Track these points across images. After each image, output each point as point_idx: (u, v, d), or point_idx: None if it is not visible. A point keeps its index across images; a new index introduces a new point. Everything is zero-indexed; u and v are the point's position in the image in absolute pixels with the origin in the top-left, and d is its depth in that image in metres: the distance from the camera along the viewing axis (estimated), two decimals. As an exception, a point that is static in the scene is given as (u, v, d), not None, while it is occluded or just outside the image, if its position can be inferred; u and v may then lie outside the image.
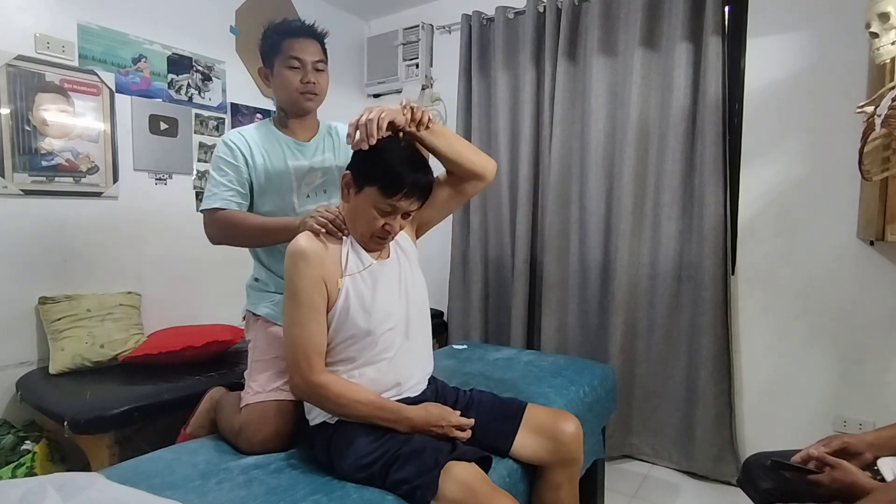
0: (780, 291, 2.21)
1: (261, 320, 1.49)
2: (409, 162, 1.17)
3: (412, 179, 1.15)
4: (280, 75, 1.46)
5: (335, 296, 1.17)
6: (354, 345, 1.19)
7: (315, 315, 1.15)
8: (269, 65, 1.49)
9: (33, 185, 2.07)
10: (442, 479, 1.02)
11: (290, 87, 1.45)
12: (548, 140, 2.64)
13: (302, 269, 1.15)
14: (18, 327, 2.05)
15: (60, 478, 0.98)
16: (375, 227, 1.17)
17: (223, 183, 1.43)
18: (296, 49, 1.45)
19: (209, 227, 1.45)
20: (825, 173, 2.09)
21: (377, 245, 1.24)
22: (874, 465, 1.14)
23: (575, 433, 1.29)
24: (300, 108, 1.50)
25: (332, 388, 1.14)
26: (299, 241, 1.17)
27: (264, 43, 1.49)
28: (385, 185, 1.14)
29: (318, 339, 1.16)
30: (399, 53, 3.26)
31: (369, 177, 1.16)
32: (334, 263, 1.18)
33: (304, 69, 1.46)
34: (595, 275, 2.54)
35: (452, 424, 1.18)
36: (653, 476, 2.32)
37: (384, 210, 1.16)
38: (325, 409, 1.18)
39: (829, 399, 2.13)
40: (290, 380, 1.18)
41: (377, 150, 1.15)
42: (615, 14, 2.46)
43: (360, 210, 1.18)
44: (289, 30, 1.47)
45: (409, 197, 1.16)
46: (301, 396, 1.22)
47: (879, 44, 1.34)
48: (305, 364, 1.14)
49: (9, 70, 1.99)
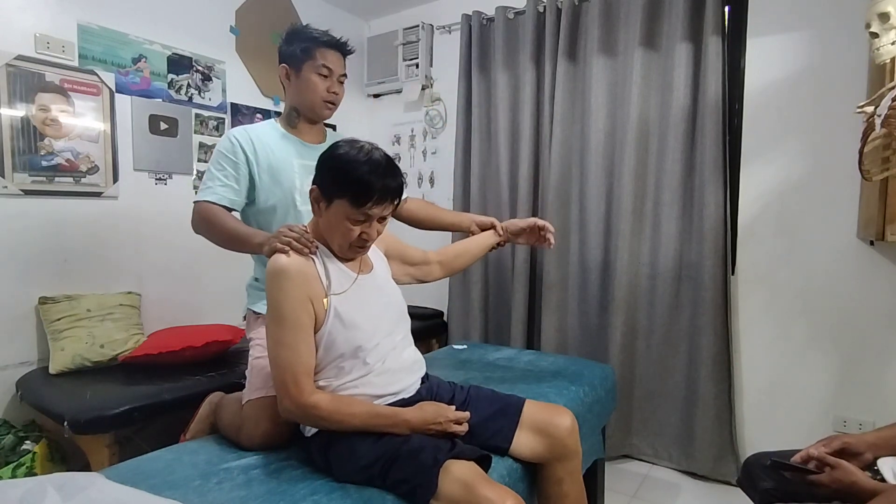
0: (780, 291, 2.21)
1: (261, 318, 1.50)
2: (375, 168, 1.13)
3: (381, 185, 1.13)
4: (307, 79, 1.50)
5: (322, 315, 1.14)
6: (345, 361, 1.17)
7: (302, 335, 1.12)
8: (295, 67, 1.52)
9: (33, 185, 2.07)
10: (441, 478, 1.02)
11: (315, 93, 1.51)
12: (548, 140, 2.64)
13: (286, 288, 1.11)
14: (18, 327, 2.05)
15: (60, 478, 0.98)
16: (352, 237, 1.16)
17: (218, 178, 1.46)
18: (329, 60, 1.51)
19: (193, 217, 1.48)
20: (825, 173, 2.09)
21: (357, 254, 1.23)
22: (874, 465, 1.14)
23: (570, 427, 1.29)
24: (319, 114, 1.56)
25: (324, 408, 1.11)
26: (280, 260, 1.13)
27: (294, 45, 1.51)
28: (354, 195, 1.12)
29: (306, 359, 1.12)
30: (399, 53, 3.26)
31: (337, 189, 1.13)
32: (316, 281, 1.16)
33: (331, 79, 1.52)
34: (595, 275, 2.54)
35: (449, 419, 1.17)
36: (653, 476, 2.32)
37: (357, 219, 1.14)
38: (321, 427, 1.16)
39: (829, 399, 2.13)
40: (280, 403, 1.14)
41: (342, 162, 1.14)
42: (615, 14, 2.46)
43: (334, 223, 1.16)
44: (326, 41, 1.52)
45: (381, 203, 1.15)
46: (292, 419, 1.18)
47: (879, 44, 1.34)
48: (294, 386, 1.10)
49: (9, 70, 1.99)
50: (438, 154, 3.23)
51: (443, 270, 1.57)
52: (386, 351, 1.23)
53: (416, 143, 3.33)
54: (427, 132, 3.29)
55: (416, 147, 3.33)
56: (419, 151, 3.31)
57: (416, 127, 3.33)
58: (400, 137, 3.39)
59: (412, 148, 3.35)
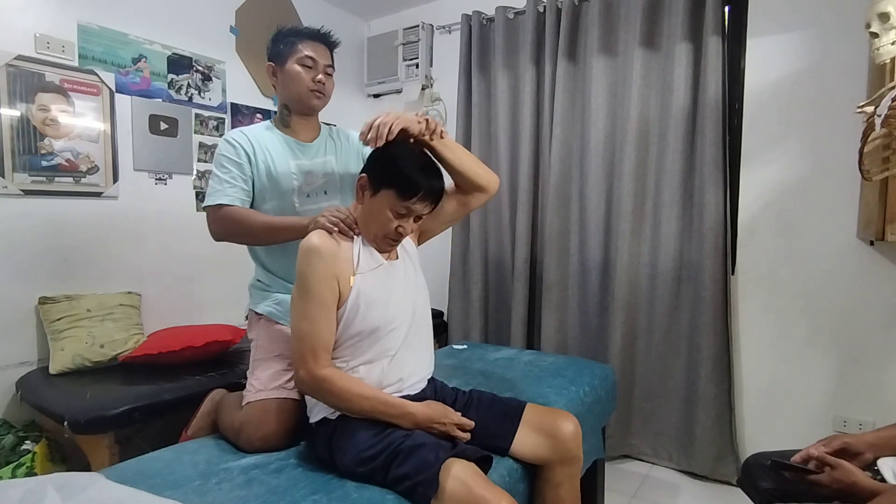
0: (780, 291, 2.21)
1: (263, 319, 1.50)
2: (424, 168, 1.23)
3: (428, 184, 1.20)
4: (291, 71, 1.49)
5: (346, 293, 1.19)
6: (361, 341, 1.21)
7: (325, 311, 1.17)
8: (280, 62, 1.51)
9: (33, 185, 2.07)
10: (442, 476, 1.03)
11: (300, 84, 1.49)
12: (548, 140, 2.64)
13: (315, 265, 1.17)
14: (18, 327, 2.05)
15: (60, 478, 0.98)
16: (389, 228, 1.21)
17: (227, 180, 1.44)
18: (311, 50, 1.50)
19: (214, 224, 1.45)
20: (825, 173, 2.09)
21: (388, 246, 1.28)
22: (874, 465, 1.14)
23: (574, 432, 1.30)
24: (308, 105, 1.53)
25: (336, 383, 1.16)
26: (312, 239, 1.20)
27: (278, 42, 1.52)
28: (402, 188, 1.18)
29: (326, 334, 1.17)
30: (399, 53, 3.26)
31: (386, 180, 1.20)
32: (346, 262, 1.21)
33: (315, 69, 1.50)
34: (595, 275, 2.54)
35: (454, 422, 1.20)
36: (653, 476, 2.32)
37: (399, 212, 1.20)
38: (329, 403, 1.19)
39: (829, 399, 2.13)
40: (296, 373, 1.19)
41: (394, 156, 1.22)
42: (615, 14, 2.46)
43: (375, 212, 1.22)
44: (307, 33, 1.52)
45: (424, 200, 1.21)
46: (305, 390, 1.23)
47: (879, 44, 1.34)
48: (312, 358, 1.15)
49: (9, 70, 1.99)
50: (438, 154, 3.23)
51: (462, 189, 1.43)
52: (401, 339, 1.25)
53: (416, 143, 3.33)
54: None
55: (416, 147, 3.33)
56: (419, 151, 3.31)
57: (416, 127, 3.33)
58: (400, 137, 3.39)
59: (412, 148, 3.35)
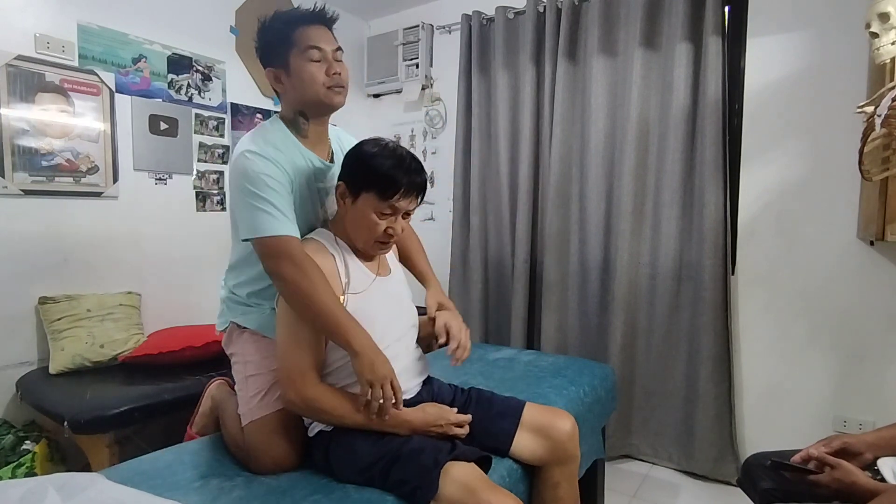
0: (780, 291, 2.21)
1: (247, 332, 1.34)
2: (401, 163, 1.17)
3: (408, 179, 1.16)
4: (302, 71, 1.23)
5: None
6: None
7: (311, 329, 1.13)
8: (280, 63, 1.25)
9: (33, 185, 2.07)
10: (442, 480, 1.02)
11: (316, 83, 1.23)
12: (548, 140, 2.64)
13: None
14: (18, 327, 2.05)
15: (60, 478, 0.98)
16: (377, 232, 1.18)
17: (278, 206, 1.15)
18: (313, 38, 1.23)
19: (276, 262, 1.14)
20: (825, 173, 2.09)
21: (381, 250, 1.25)
22: (874, 465, 1.14)
23: (571, 431, 1.29)
24: (329, 105, 1.28)
25: (326, 401, 1.12)
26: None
27: (268, 38, 1.26)
28: (382, 188, 1.14)
29: (315, 352, 1.14)
30: (399, 53, 3.26)
31: (364, 183, 1.16)
32: (332, 277, 1.17)
33: (325, 59, 1.24)
34: (595, 275, 2.54)
35: (451, 422, 1.18)
36: (653, 476, 2.32)
37: (384, 212, 1.17)
38: (323, 421, 1.17)
39: (829, 399, 2.13)
40: (284, 395, 1.14)
41: (368, 155, 1.17)
42: (615, 14, 2.46)
43: (360, 217, 1.18)
44: (298, 17, 1.25)
45: (408, 196, 1.17)
46: (296, 411, 1.18)
47: (879, 44, 1.34)
48: (300, 379, 1.11)
49: (9, 70, 1.99)
50: (438, 154, 3.23)
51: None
52: (393, 354, 1.22)
53: (416, 143, 3.33)
54: (427, 132, 3.29)
55: (416, 147, 3.32)
56: (419, 151, 3.30)
57: (416, 127, 3.33)
58: (400, 137, 3.39)
59: (412, 148, 3.34)
